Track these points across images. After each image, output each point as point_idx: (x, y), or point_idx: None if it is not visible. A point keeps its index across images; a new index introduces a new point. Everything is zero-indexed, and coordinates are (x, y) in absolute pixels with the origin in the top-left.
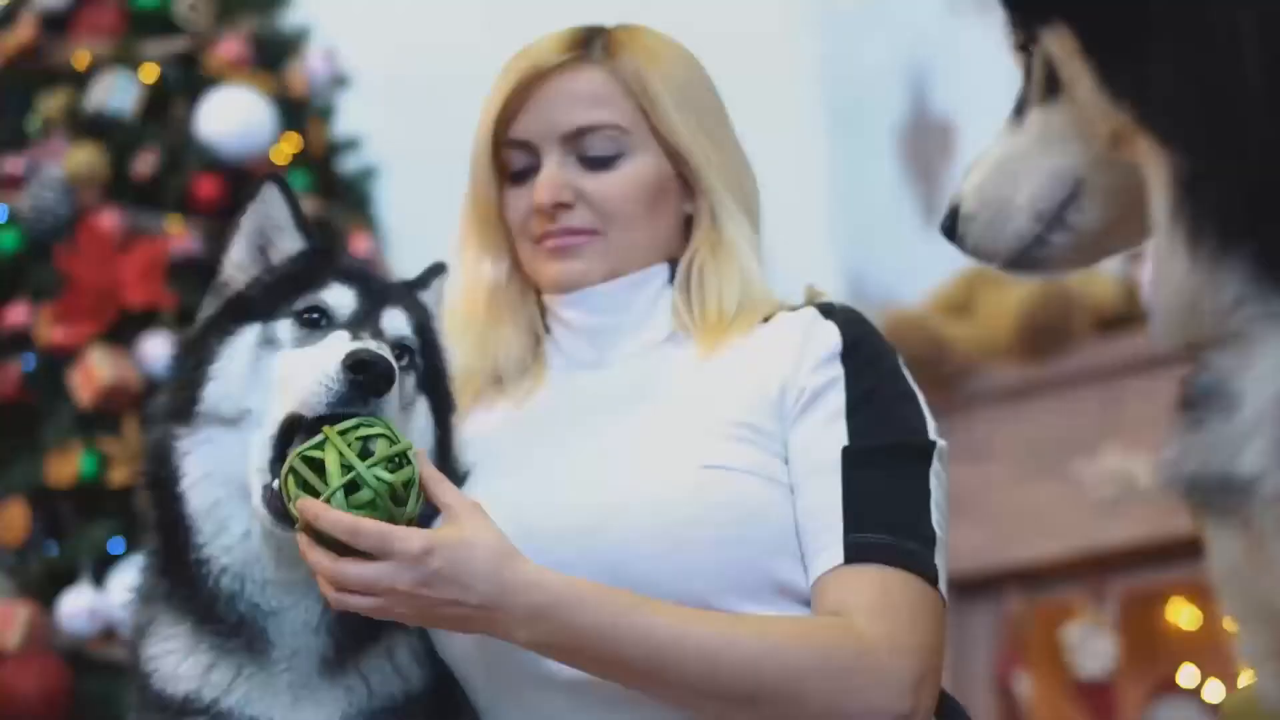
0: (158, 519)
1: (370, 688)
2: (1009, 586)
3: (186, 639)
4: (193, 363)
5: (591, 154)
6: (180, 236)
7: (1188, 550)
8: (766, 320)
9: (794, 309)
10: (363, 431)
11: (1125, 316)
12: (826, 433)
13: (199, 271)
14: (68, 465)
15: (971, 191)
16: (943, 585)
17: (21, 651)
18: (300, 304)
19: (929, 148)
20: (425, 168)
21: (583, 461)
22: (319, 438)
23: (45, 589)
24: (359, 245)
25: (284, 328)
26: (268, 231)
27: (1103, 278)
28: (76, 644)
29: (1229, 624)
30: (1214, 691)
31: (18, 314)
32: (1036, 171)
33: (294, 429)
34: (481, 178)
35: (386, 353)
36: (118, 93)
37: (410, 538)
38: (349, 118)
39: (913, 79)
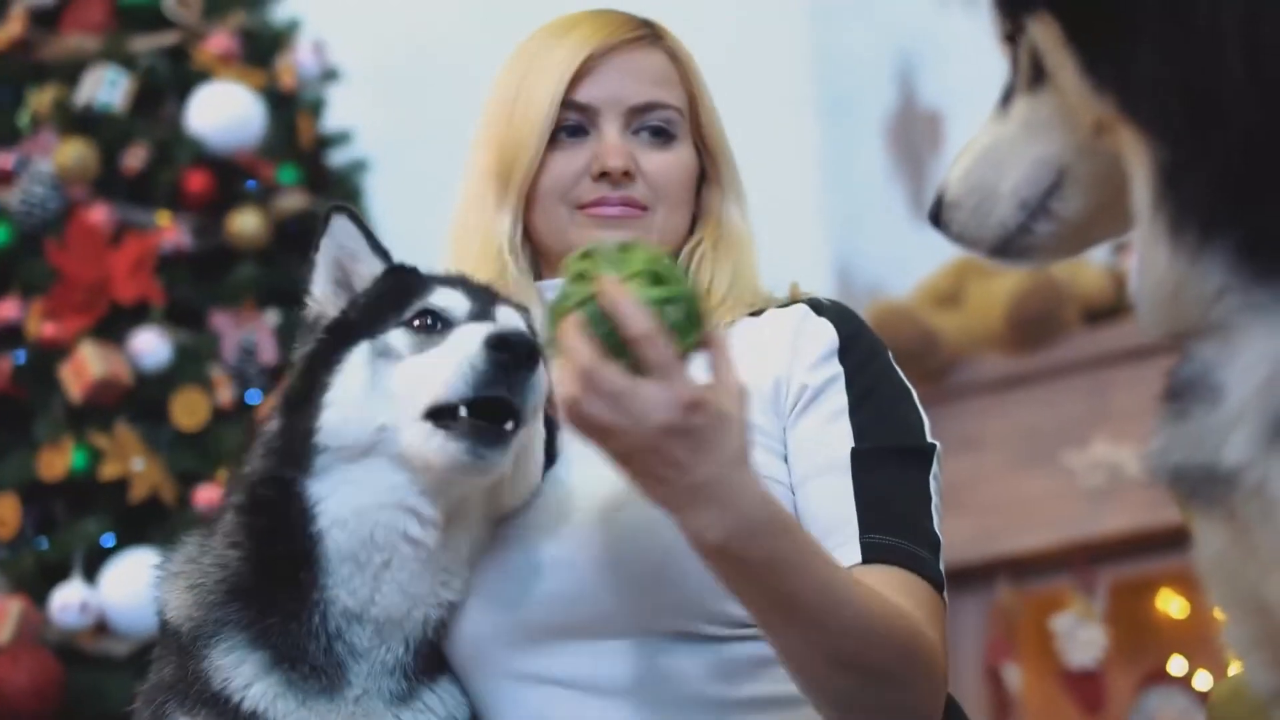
0: (262, 551)
1: (446, 709)
2: (998, 576)
3: (258, 667)
4: (303, 397)
5: (654, 130)
6: (170, 231)
7: (1177, 540)
8: (755, 314)
9: (783, 305)
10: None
11: (1113, 307)
12: (831, 432)
13: (189, 266)
14: (59, 460)
15: (957, 179)
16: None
17: (13, 646)
18: (409, 312)
19: (917, 138)
20: (415, 161)
21: (582, 458)
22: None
23: (37, 583)
24: None
25: (398, 337)
26: (344, 262)
27: (1091, 269)
28: (68, 638)
29: (1217, 614)
30: (1203, 681)
31: (8, 309)
32: (1021, 160)
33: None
34: (532, 134)
35: (526, 329)
36: (107, 87)
37: (691, 381)
38: (338, 111)
39: (901, 70)
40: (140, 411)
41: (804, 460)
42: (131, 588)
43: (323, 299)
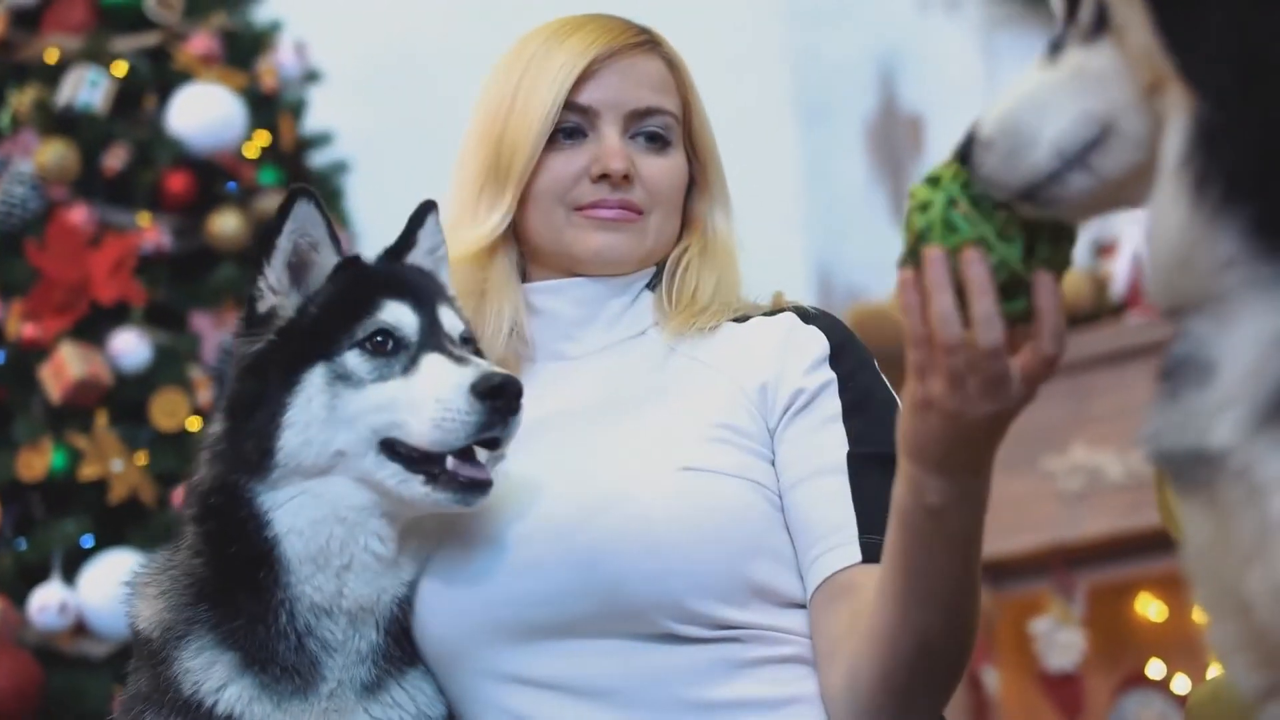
0: (222, 556)
1: (417, 707)
2: None
3: (230, 669)
4: (254, 407)
5: (651, 135)
6: (151, 232)
7: (1156, 544)
8: (739, 321)
9: (768, 313)
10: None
11: (1094, 312)
12: (827, 435)
13: (169, 267)
14: (38, 460)
15: (994, 119)
16: None
17: None
18: (361, 332)
19: (898, 143)
20: (396, 162)
21: (563, 460)
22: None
23: (15, 584)
24: None
25: (353, 360)
26: (303, 250)
27: (1071, 273)
28: (47, 639)
29: (1199, 615)
30: (1182, 684)
31: None
32: (1067, 110)
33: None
34: (530, 133)
35: (502, 369)
36: (88, 88)
37: (1001, 334)
38: (320, 113)
39: (882, 75)
40: (120, 412)
41: (800, 462)
42: (110, 589)
43: (277, 287)
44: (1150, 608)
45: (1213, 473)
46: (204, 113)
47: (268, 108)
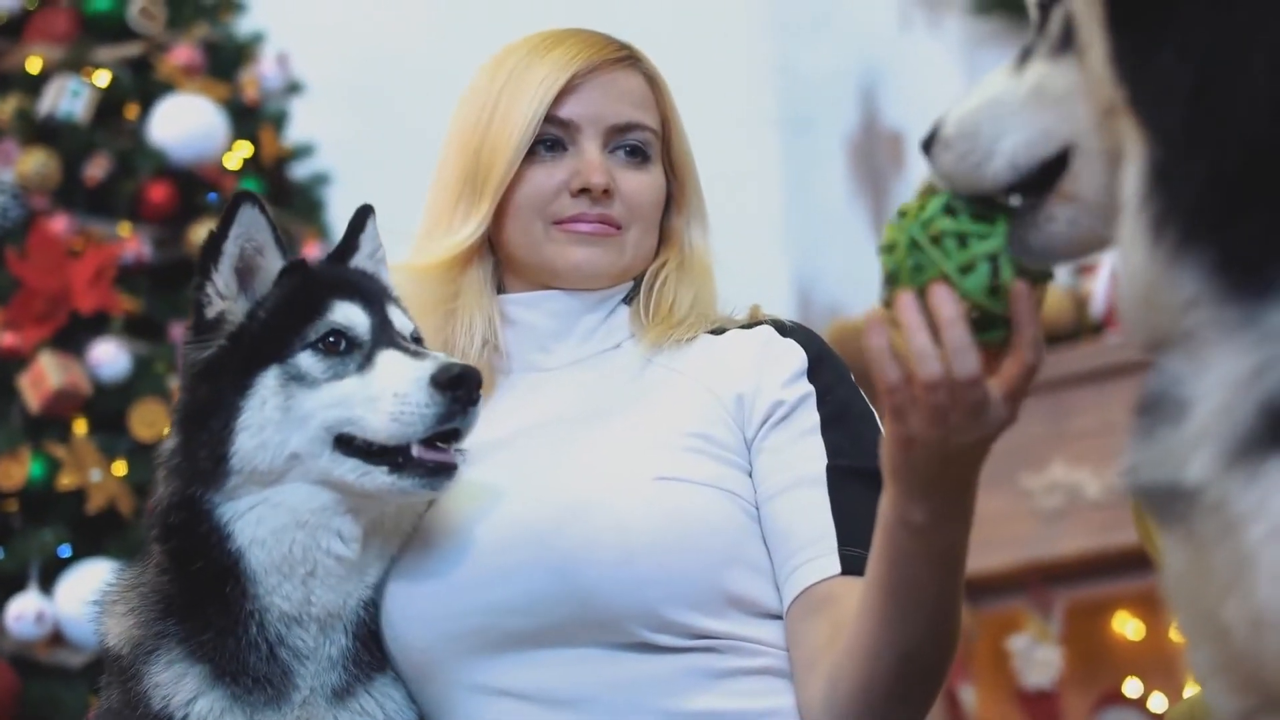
0: (188, 573)
1: (386, 714)
2: None
3: (200, 681)
4: (208, 415)
5: (630, 150)
6: (131, 242)
7: (1133, 562)
8: (716, 333)
9: (745, 326)
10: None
11: (1074, 330)
12: (806, 447)
13: (149, 277)
14: (16, 469)
15: (956, 120)
16: None
17: None
18: (313, 333)
19: (879, 158)
20: (377, 174)
21: (538, 468)
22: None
23: None
24: (310, 252)
25: (308, 362)
26: (249, 255)
27: (1051, 291)
28: (24, 648)
29: (1176, 635)
30: (1158, 702)
31: None
32: (1025, 124)
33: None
34: (510, 145)
35: (460, 360)
36: (70, 97)
37: (975, 362)
38: (301, 124)
39: (863, 90)
40: (99, 422)
41: (778, 473)
42: (88, 599)
43: (225, 292)
44: (1128, 626)
45: (1189, 506)
46: (186, 123)
47: (249, 119)
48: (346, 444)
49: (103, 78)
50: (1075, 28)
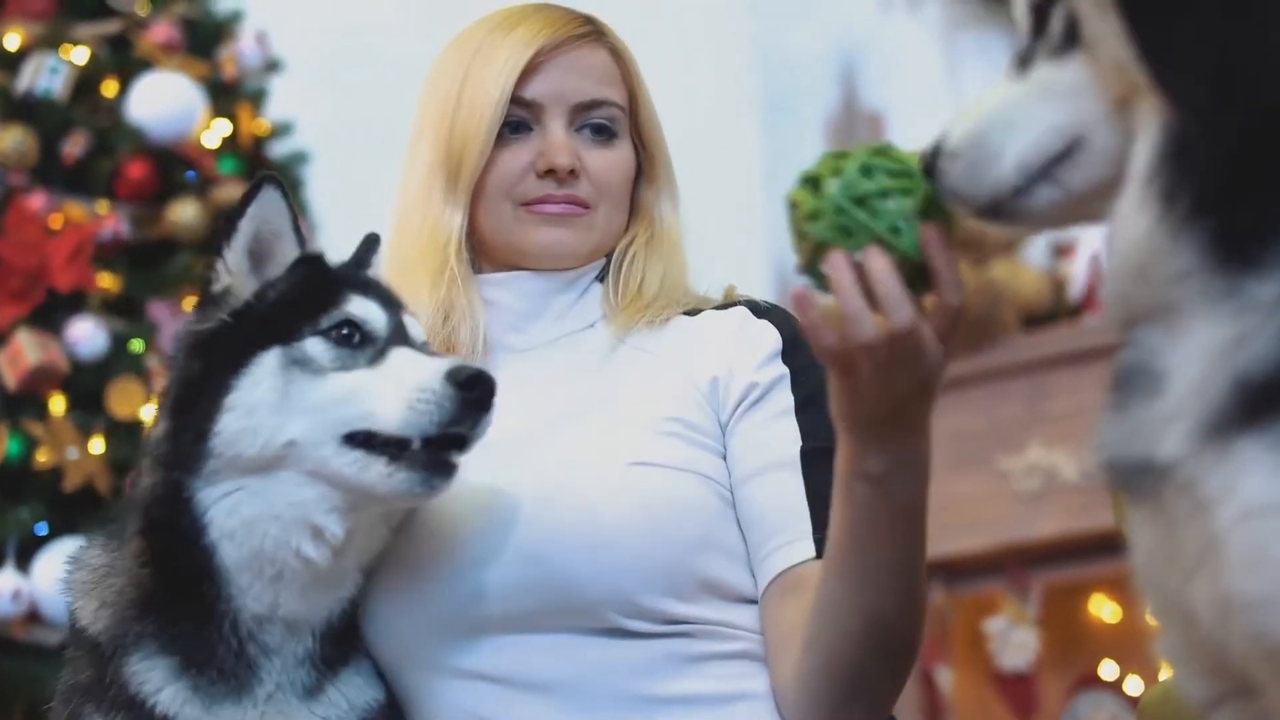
0: (164, 568)
1: (349, 701)
2: (932, 579)
3: (167, 672)
4: (198, 393)
5: (596, 127)
6: (109, 220)
7: (1110, 545)
8: (690, 314)
9: (720, 307)
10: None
11: (1052, 312)
12: (780, 430)
13: (127, 255)
14: None
15: (961, 133)
16: None
17: None
18: (326, 321)
19: (859, 139)
20: (356, 153)
21: (510, 453)
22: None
23: None
24: None
25: (317, 348)
26: (265, 237)
27: (1029, 273)
28: (0, 626)
29: (1149, 619)
30: (1134, 685)
31: None
32: (1034, 124)
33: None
34: (479, 130)
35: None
36: (48, 74)
37: (909, 310)
38: (280, 102)
39: (843, 70)
40: (76, 400)
41: (752, 456)
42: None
43: (235, 270)
44: (1104, 609)
45: (1160, 483)
46: (164, 101)
47: (228, 97)
48: (353, 439)
49: (81, 55)
50: (1080, 23)
